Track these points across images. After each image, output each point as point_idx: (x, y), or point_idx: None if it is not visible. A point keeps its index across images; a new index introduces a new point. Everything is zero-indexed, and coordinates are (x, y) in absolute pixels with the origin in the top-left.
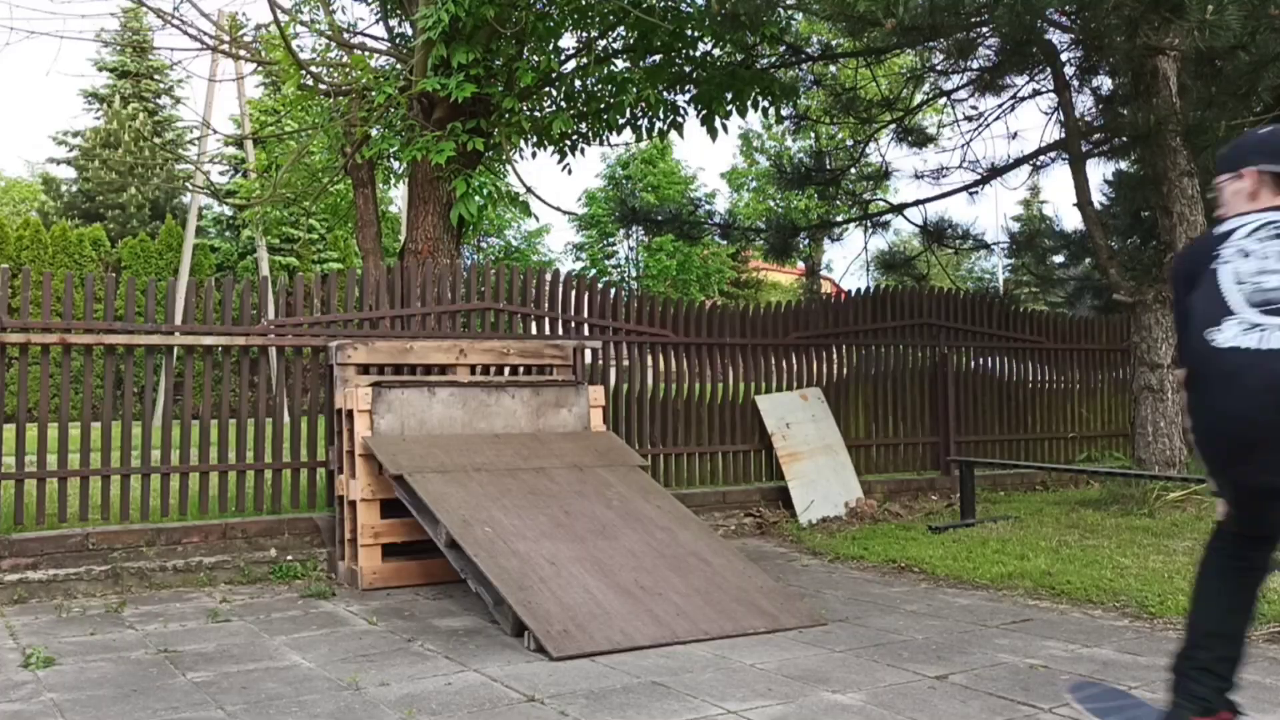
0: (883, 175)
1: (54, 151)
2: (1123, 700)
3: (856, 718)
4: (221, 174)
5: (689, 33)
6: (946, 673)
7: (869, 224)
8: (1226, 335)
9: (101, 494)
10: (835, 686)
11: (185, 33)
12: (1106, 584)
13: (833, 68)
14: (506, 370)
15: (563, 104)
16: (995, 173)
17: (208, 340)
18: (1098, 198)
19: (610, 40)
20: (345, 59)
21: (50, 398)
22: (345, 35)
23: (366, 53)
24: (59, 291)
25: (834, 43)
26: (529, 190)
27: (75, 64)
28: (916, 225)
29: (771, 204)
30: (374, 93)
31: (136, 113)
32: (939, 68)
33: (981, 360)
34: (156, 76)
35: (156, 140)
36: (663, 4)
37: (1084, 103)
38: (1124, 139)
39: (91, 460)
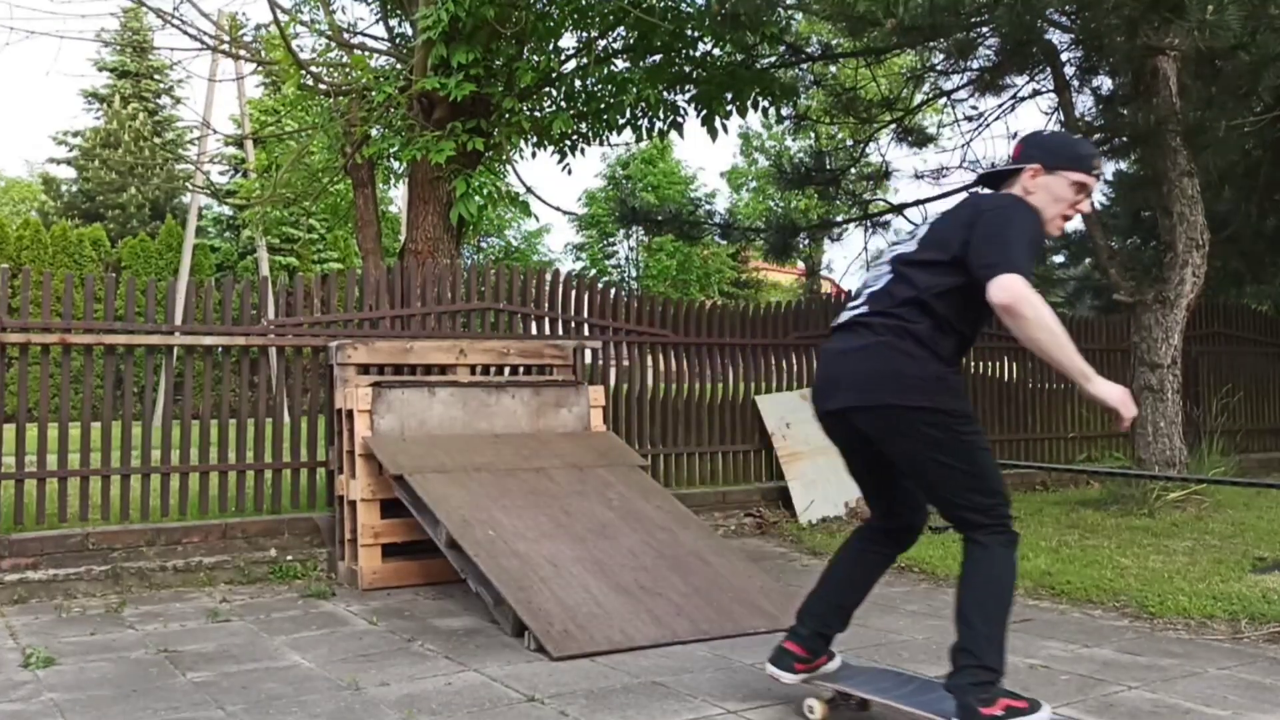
0: (883, 175)
1: (54, 151)
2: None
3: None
4: (222, 174)
5: (689, 33)
6: (947, 673)
7: (869, 224)
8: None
9: (101, 494)
10: None
11: (185, 32)
12: (1106, 584)
13: (833, 68)
14: (507, 370)
15: (563, 104)
16: None
17: (208, 340)
18: (1098, 198)
19: (610, 40)
20: (345, 59)
21: (50, 398)
22: (345, 35)
23: (366, 53)
24: (59, 291)
25: (834, 43)
26: (529, 190)
27: (75, 64)
28: (916, 225)
29: (771, 204)
30: (374, 92)
31: (136, 113)
32: (939, 68)
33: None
34: (156, 76)
35: (156, 140)
36: (663, 4)
37: (1084, 103)
38: (1124, 139)
39: (91, 460)
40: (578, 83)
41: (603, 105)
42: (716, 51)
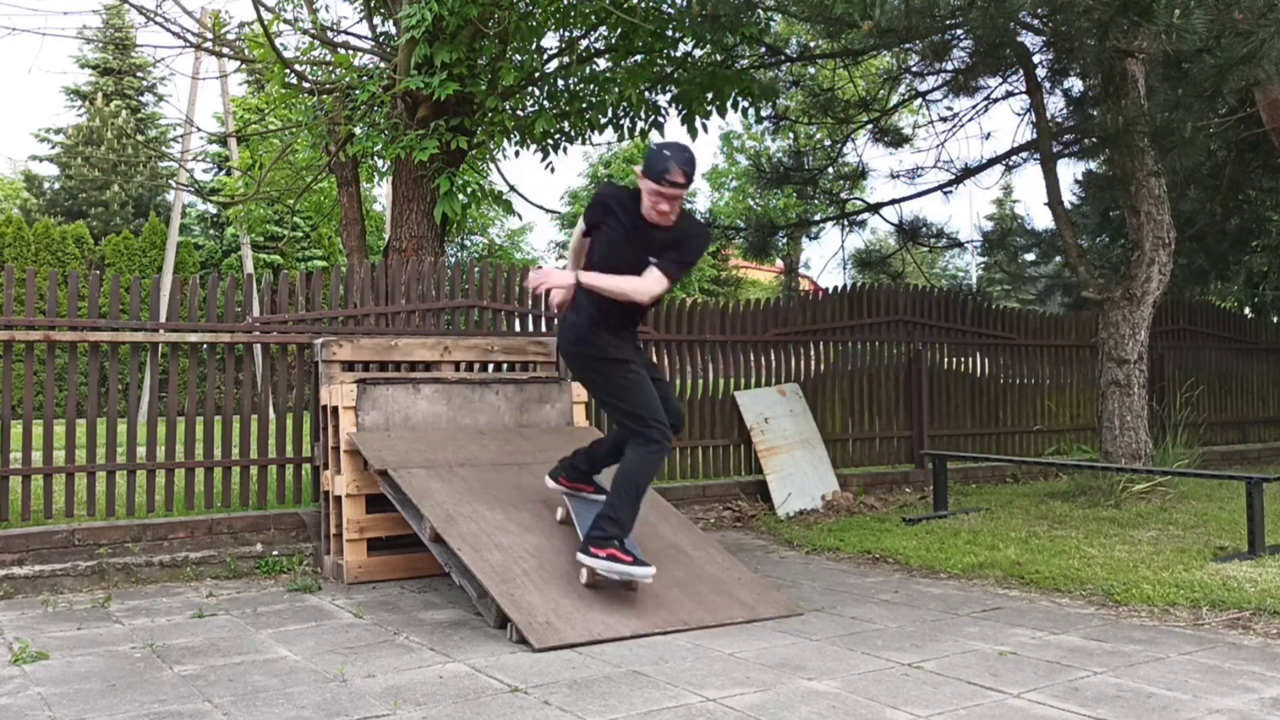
0: (859, 175)
1: (36, 148)
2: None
3: (831, 704)
4: (206, 172)
5: (670, 33)
6: (919, 660)
7: (846, 223)
8: None
9: (87, 490)
10: (811, 674)
11: (168, 30)
12: (1074, 573)
13: (811, 69)
14: (490, 367)
15: (545, 103)
16: (969, 173)
17: (193, 337)
18: (1068, 197)
19: (593, 40)
20: (329, 57)
21: (35, 394)
22: (329, 34)
23: (350, 51)
24: (42, 289)
25: (812, 44)
26: (512, 188)
27: (57, 61)
28: (892, 224)
29: (751, 203)
30: (358, 91)
31: (119, 110)
32: (915, 69)
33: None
34: (139, 74)
35: (139, 138)
36: (644, 4)
37: (1055, 104)
38: (1094, 140)
39: (77, 456)
40: (560, 82)
41: (585, 104)
42: (697, 52)
